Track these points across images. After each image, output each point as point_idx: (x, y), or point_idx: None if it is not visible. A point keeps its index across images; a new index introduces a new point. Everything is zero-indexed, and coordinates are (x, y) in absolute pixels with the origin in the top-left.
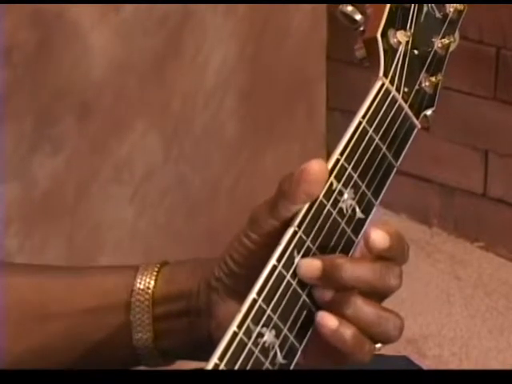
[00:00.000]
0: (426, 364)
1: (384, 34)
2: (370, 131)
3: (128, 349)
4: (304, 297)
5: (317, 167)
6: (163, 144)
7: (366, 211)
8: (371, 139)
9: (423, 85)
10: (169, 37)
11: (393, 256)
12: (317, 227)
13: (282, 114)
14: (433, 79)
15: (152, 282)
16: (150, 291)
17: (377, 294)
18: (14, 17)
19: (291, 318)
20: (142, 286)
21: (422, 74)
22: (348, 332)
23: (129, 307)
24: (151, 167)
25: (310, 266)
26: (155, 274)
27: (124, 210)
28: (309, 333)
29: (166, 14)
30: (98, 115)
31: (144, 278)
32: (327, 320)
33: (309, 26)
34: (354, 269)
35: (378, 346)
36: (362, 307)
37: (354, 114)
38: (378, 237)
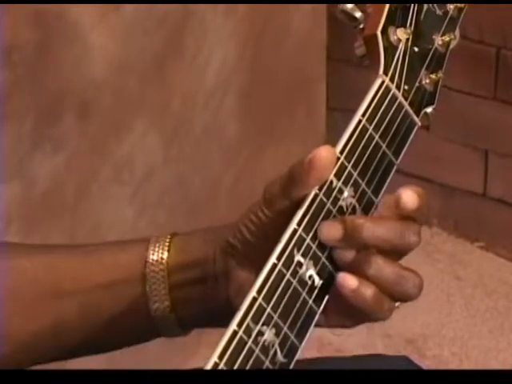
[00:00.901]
0: (426, 364)
1: (384, 32)
2: (370, 129)
3: (146, 320)
4: (304, 295)
5: (325, 154)
6: (163, 144)
7: (366, 209)
8: (371, 137)
9: (423, 82)
10: (169, 37)
11: (418, 216)
12: (317, 225)
13: (282, 114)
14: (433, 76)
15: (165, 253)
16: (164, 261)
17: (396, 252)
18: (14, 17)
19: (291, 316)
20: (155, 257)
21: (423, 72)
22: (368, 291)
23: (144, 279)
24: (151, 167)
25: (332, 227)
26: (167, 244)
27: (124, 210)
28: (309, 331)
29: (165, 14)
30: (98, 115)
31: (156, 248)
32: (348, 280)
33: (309, 26)
34: (374, 228)
35: (397, 304)
36: (383, 267)
37: (354, 113)
38: (410, 197)
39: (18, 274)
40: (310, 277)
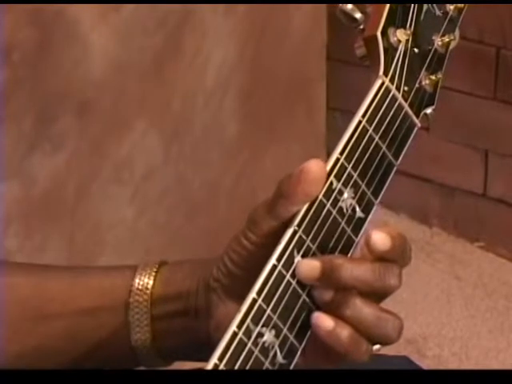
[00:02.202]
0: (426, 364)
1: (384, 33)
2: (370, 130)
3: (126, 349)
4: (304, 296)
5: (315, 167)
6: (163, 144)
7: (366, 210)
8: (371, 138)
9: (423, 83)
10: (169, 37)
11: (394, 258)
12: (317, 227)
13: (282, 114)
14: (433, 77)
15: (150, 282)
16: (148, 291)
17: (376, 295)
18: (14, 16)
19: (291, 317)
20: (140, 287)
21: (422, 73)
22: (344, 332)
23: (127, 307)
24: (151, 167)
25: (309, 266)
26: (154, 273)
27: (124, 209)
28: (309, 332)
29: (166, 14)
30: (98, 115)
31: (142, 278)
32: (322, 321)
33: (309, 26)
34: (353, 269)
35: (377, 346)
36: (361, 308)
37: (354, 114)
38: (380, 238)
39: (8, 294)
40: None
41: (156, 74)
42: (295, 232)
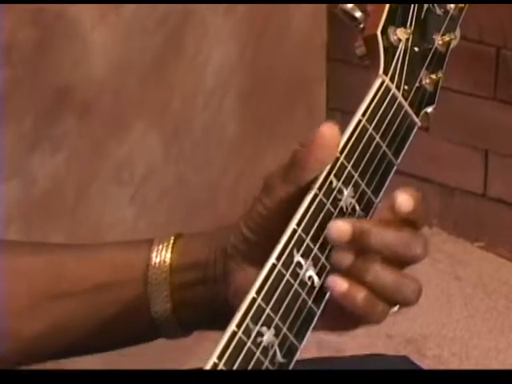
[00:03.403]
0: (426, 364)
1: (384, 32)
2: (370, 129)
3: (146, 322)
4: (304, 295)
5: (328, 132)
6: (163, 144)
7: (366, 209)
8: (371, 137)
9: (423, 82)
10: (169, 37)
11: (416, 218)
12: (317, 225)
13: (282, 114)
14: (433, 76)
15: (168, 255)
16: (167, 264)
17: (399, 261)
18: (14, 16)
19: (291, 317)
20: (158, 260)
21: (423, 72)
22: (360, 294)
23: (145, 281)
24: (151, 167)
25: (341, 229)
26: (171, 246)
27: (124, 210)
28: (309, 331)
29: (165, 14)
30: (98, 115)
31: (160, 251)
32: (337, 283)
33: (309, 26)
34: (382, 235)
35: (395, 308)
36: (382, 274)
37: (354, 114)
38: (404, 199)
39: (19, 275)
40: (310, 277)
41: (156, 74)
42: (295, 231)
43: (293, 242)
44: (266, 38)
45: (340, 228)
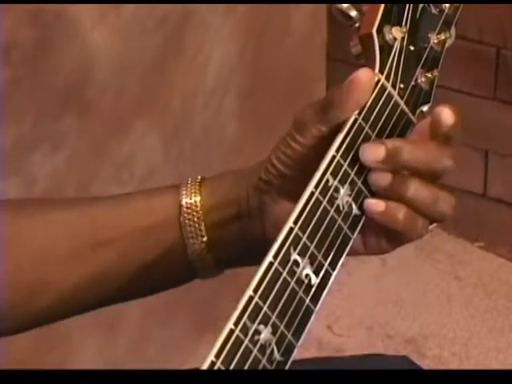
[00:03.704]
0: (426, 364)
1: (379, 31)
2: (366, 127)
3: (182, 263)
4: (301, 294)
5: (365, 76)
6: (163, 144)
7: (363, 208)
8: (367, 136)
9: (419, 81)
10: (169, 37)
11: (454, 133)
12: (313, 224)
13: (282, 114)
14: (429, 75)
15: (198, 195)
16: (198, 203)
17: (432, 175)
18: (14, 16)
19: (288, 315)
20: (189, 200)
21: (418, 70)
22: (399, 211)
23: (179, 222)
24: (151, 167)
25: (374, 149)
26: (198, 187)
27: None
28: (306, 330)
29: (165, 14)
30: (98, 115)
31: (189, 192)
32: (375, 205)
33: (309, 26)
34: (414, 150)
35: (432, 226)
36: (421, 189)
37: None
38: (448, 114)
39: (56, 228)
40: (307, 276)
41: (156, 74)
42: (291, 229)
43: (289, 240)
44: (266, 38)
45: (373, 149)
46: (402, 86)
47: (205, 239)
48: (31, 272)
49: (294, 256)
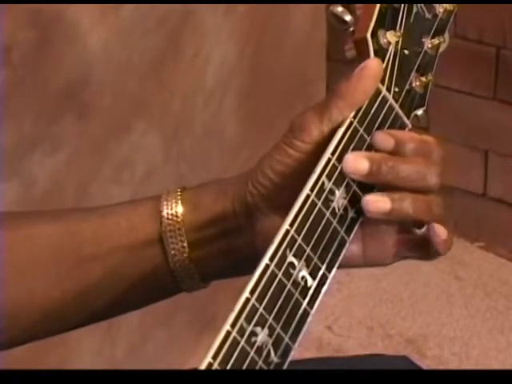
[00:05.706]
0: (426, 364)
1: (374, 35)
2: (361, 130)
3: (167, 278)
4: (297, 296)
5: (375, 64)
6: (163, 144)
7: (359, 210)
8: (362, 138)
9: (414, 85)
10: (169, 37)
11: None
12: (308, 226)
13: (282, 114)
14: (423, 79)
15: (179, 206)
16: (179, 215)
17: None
18: (14, 16)
19: (284, 317)
20: (170, 214)
21: (413, 74)
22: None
23: (161, 237)
24: (151, 167)
25: (356, 163)
26: (179, 199)
27: None
28: (302, 332)
29: (166, 14)
30: (98, 115)
31: (169, 205)
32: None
33: (309, 26)
34: (399, 169)
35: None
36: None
37: None
38: (382, 139)
39: (39, 243)
40: (303, 278)
41: (156, 74)
42: (287, 232)
43: (286, 242)
44: (266, 38)
45: (355, 162)
46: (396, 89)
47: (187, 255)
48: (14, 287)
49: (290, 258)
